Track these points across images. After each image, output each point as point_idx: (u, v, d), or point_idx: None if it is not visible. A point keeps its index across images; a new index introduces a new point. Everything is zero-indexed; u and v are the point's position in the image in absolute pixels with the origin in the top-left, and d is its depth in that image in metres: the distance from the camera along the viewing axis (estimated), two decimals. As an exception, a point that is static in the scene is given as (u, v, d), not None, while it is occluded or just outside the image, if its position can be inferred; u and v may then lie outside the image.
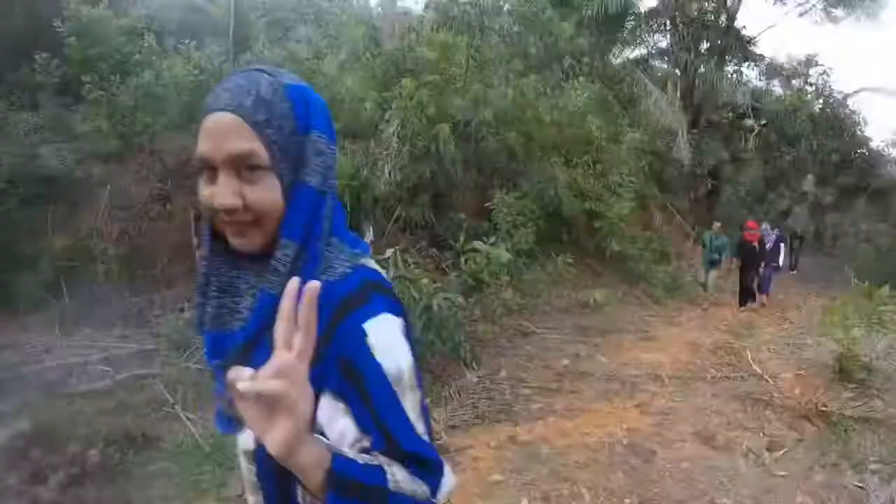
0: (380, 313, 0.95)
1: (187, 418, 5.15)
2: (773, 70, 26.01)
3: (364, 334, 0.92)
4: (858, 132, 20.55)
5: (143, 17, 11.26)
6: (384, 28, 9.70)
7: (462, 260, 6.84)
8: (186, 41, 10.36)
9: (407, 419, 0.94)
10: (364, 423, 0.93)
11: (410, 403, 0.95)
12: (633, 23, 16.73)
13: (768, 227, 13.79)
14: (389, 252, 6.16)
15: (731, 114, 22.21)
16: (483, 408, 5.75)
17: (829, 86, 22.18)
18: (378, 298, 0.97)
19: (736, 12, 17.38)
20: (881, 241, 19.30)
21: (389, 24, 9.73)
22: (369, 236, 6.74)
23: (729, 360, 8.20)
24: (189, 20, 13.58)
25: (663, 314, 10.63)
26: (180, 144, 9.28)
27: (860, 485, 4.76)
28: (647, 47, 18.31)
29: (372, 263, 1.05)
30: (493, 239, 7.06)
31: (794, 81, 26.90)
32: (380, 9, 15.09)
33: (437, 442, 4.83)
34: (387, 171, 7.25)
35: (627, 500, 4.30)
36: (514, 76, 8.86)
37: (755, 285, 11.88)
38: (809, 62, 25.98)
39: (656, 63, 18.99)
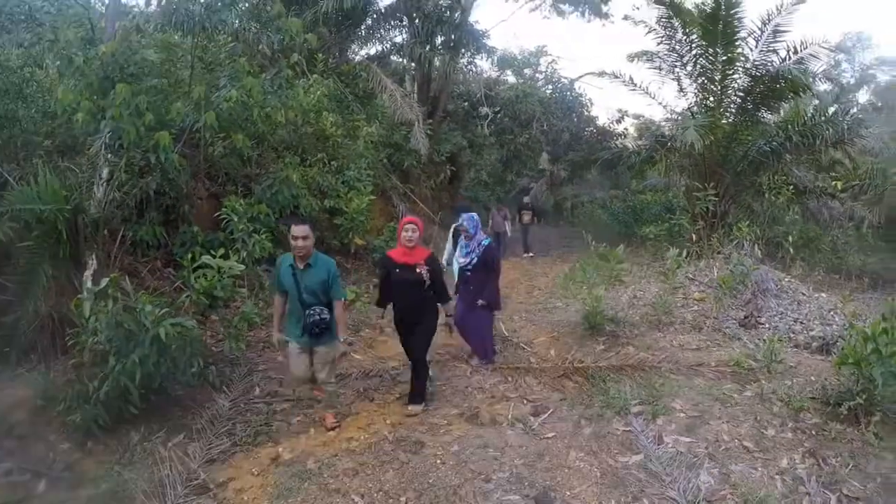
0: None
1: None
2: (505, 61, 28.09)
3: None
4: (586, 112, 22.65)
5: None
6: (107, 28, 8.86)
7: (192, 278, 6.48)
8: None
9: None
10: None
11: None
12: (370, 19, 17.06)
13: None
14: (105, 281, 5.61)
15: (466, 103, 23.65)
16: (240, 433, 5.45)
17: (558, 73, 24.25)
18: None
19: (470, 7, 18.38)
20: (614, 206, 21.39)
21: (112, 23, 8.90)
22: (92, 265, 6.18)
23: (484, 334, 8.60)
24: None
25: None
26: None
27: (627, 429, 5.17)
28: (384, 43, 18.76)
29: None
30: (221, 251, 6.76)
31: (525, 70, 29.35)
32: (102, 7, 13.82)
33: (195, 481, 4.58)
34: (98, 190, 6.70)
35: (403, 498, 4.33)
36: (243, 75, 8.59)
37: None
38: (539, 52, 28.50)
39: (394, 58, 19.55)
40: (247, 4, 10.83)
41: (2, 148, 7.85)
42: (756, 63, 12.49)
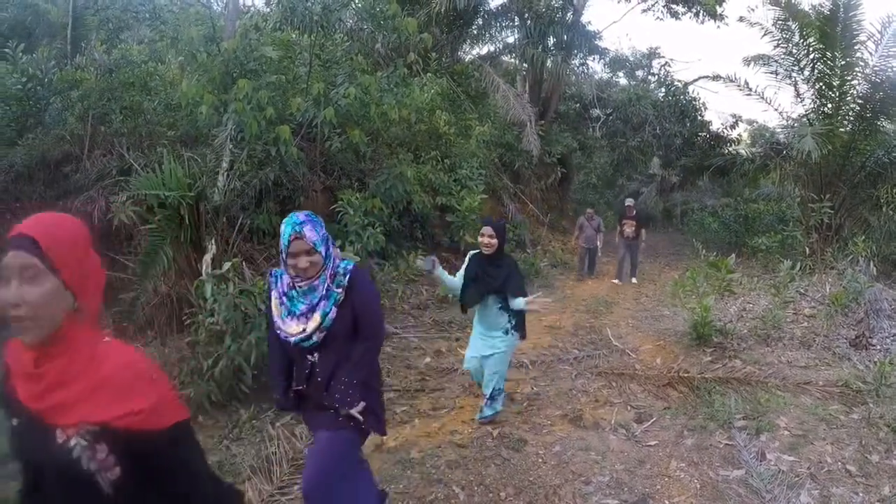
0: None
1: None
2: (617, 62, 27.54)
3: None
4: (699, 117, 21.88)
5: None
6: (226, 27, 9.27)
7: (308, 267, 6.55)
8: (14, 43, 9.15)
9: None
10: None
11: None
12: (482, 19, 17.10)
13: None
14: (227, 265, 5.80)
15: (577, 104, 23.29)
16: (347, 418, 5.50)
17: (671, 75, 23.51)
18: None
19: (582, 8, 18.18)
20: (725, 214, 20.61)
21: (231, 22, 9.31)
22: (212, 249, 6.39)
23: (590, 338, 8.41)
24: (21, 20, 12.46)
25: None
26: (7, 163, 8.27)
27: (730, 442, 5.01)
28: (495, 43, 18.77)
29: None
30: (339, 242, 6.87)
31: (637, 72, 28.68)
32: (221, 6, 14.52)
33: (301, 461, 4.51)
34: (221, 179, 6.95)
35: (503, 494, 4.28)
36: (359, 73, 8.73)
37: None
38: (652, 54, 27.74)
39: (505, 58, 19.52)
40: (361, 3, 10.99)
41: (127, 136, 8.31)
42: (875, 68, 11.88)
